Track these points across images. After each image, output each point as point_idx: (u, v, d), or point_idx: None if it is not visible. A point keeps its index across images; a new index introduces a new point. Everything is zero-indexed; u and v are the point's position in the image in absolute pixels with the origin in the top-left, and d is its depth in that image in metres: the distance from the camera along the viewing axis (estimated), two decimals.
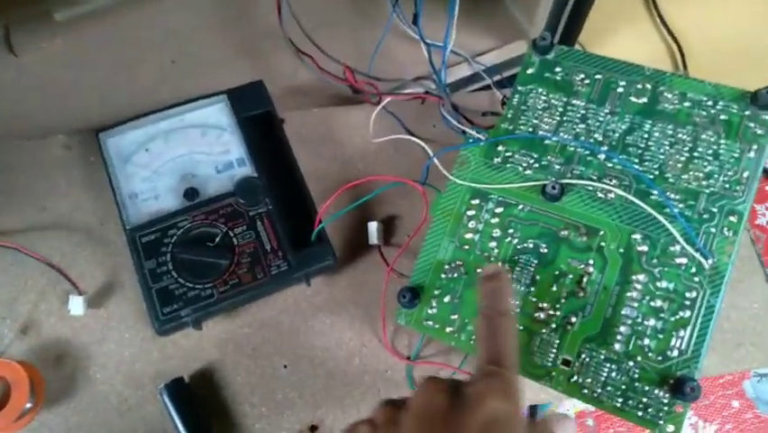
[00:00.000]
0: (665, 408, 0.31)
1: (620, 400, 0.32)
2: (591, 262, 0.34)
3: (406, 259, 0.41)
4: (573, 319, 0.33)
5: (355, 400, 0.39)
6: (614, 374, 0.32)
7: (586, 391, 0.32)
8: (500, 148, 0.38)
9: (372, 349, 0.41)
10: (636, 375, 0.32)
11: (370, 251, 0.43)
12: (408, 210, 0.45)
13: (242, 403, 0.39)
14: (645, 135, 0.36)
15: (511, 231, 0.36)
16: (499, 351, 0.27)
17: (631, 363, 0.32)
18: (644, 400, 0.32)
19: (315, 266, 0.39)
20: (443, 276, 0.36)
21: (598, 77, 0.38)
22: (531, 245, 0.35)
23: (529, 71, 0.39)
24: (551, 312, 0.34)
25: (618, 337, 0.32)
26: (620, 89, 0.37)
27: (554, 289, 0.34)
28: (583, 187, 0.35)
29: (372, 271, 0.43)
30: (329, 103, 0.49)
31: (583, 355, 0.33)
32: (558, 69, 0.39)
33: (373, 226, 0.43)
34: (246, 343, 0.41)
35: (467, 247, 0.36)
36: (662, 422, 0.31)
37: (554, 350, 0.33)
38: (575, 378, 0.32)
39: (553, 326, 0.33)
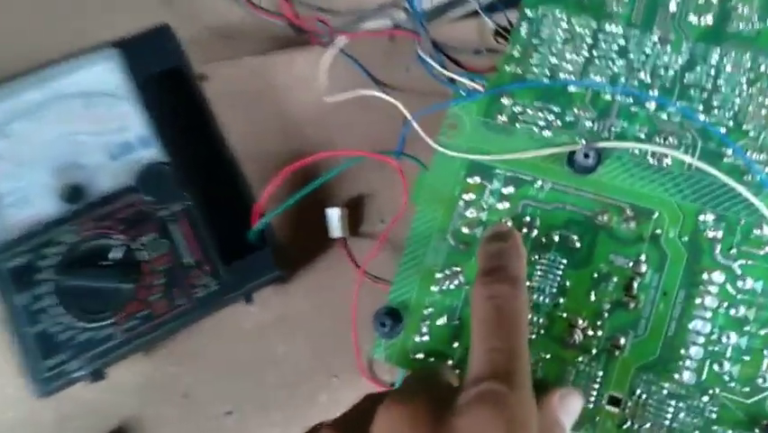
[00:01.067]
0: None
1: None
2: (643, 257, 0.28)
3: (383, 253, 0.33)
4: (622, 341, 0.27)
5: None
6: (682, 415, 0.26)
7: None
8: (505, 101, 0.31)
9: (345, 379, 0.34)
10: (714, 415, 0.26)
11: (333, 246, 0.36)
12: (382, 187, 0.37)
13: None
14: (713, 71, 0.30)
15: (527, 220, 0.29)
16: (505, 355, 0.21)
17: (706, 399, 0.26)
18: None
19: (257, 280, 0.32)
20: (434, 289, 0.29)
21: None
22: (556, 239, 0.29)
23: None
24: (590, 332, 0.28)
25: (687, 363, 0.27)
26: (673, 7, 0.31)
27: (593, 299, 0.28)
28: (627, 150, 0.29)
29: (337, 274, 0.35)
30: (265, 48, 0.41)
31: (638, 391, 0.27)
32: None
33: (334, 214, 0.35)
34: (173, 386, 0.33)
35: (464, 247, 0.29)
36: None
37: (597, 385, 0.27)
38: (628, 423, 0.26)
39: (594, 351, 0.27)
